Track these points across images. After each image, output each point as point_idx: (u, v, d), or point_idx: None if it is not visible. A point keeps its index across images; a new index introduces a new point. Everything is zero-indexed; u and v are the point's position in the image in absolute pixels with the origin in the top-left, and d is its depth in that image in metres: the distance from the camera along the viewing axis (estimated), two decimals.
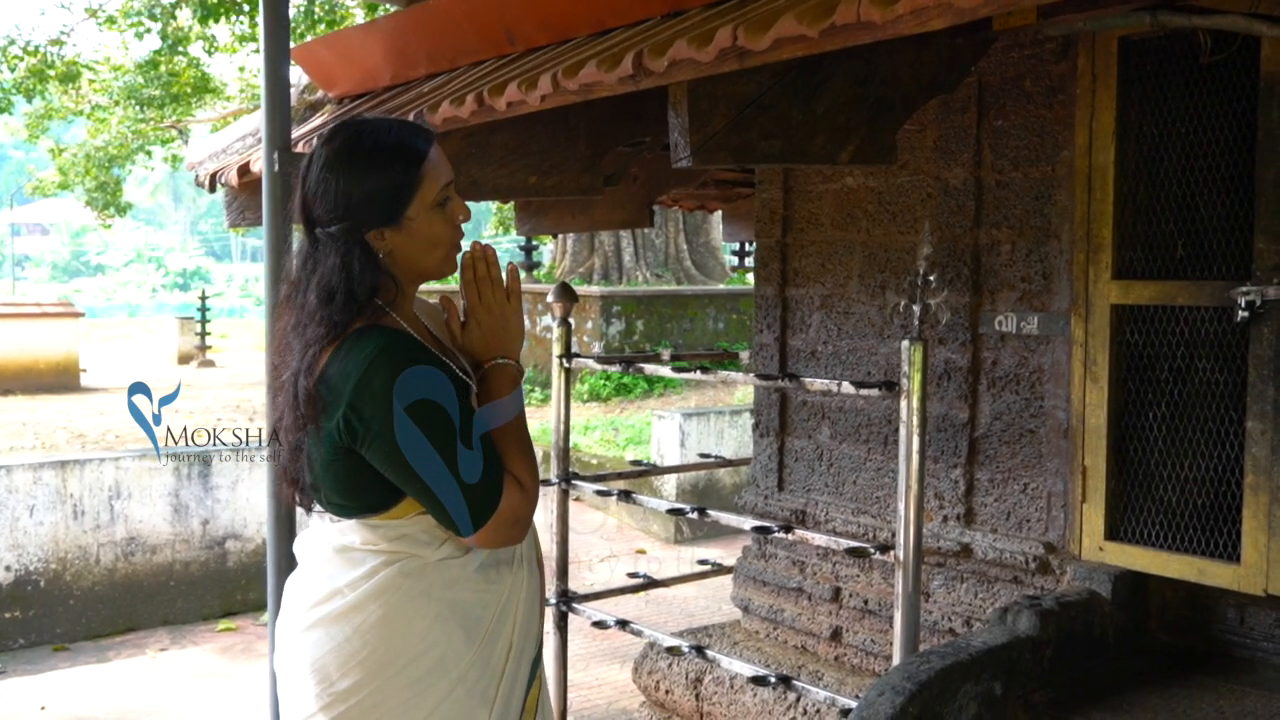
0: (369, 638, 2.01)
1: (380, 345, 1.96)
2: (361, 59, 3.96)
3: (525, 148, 3.62)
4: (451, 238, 2.10)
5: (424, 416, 1.94)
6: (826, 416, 4.31)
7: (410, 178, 2.02)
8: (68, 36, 20.07)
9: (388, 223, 2.02)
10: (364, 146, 2.04)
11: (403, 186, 2.01)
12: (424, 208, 2.04)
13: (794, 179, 4.38)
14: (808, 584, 4.31)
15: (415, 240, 2.05)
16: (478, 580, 2.07)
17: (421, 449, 1.94)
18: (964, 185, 3.80)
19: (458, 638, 2.04)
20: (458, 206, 2.11)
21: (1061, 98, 3.53)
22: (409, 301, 2.13)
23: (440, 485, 1.96)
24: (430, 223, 2.05)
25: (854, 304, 4.19)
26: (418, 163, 2.04)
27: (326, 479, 2.03)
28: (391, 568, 2.03)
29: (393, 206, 2.01)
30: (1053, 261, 3.58)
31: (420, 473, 1.96)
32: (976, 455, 3.83)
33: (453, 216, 2.09)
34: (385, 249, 2.04)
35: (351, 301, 2.01)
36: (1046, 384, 3.62)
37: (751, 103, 2.61)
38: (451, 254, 2.12)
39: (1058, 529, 3.59)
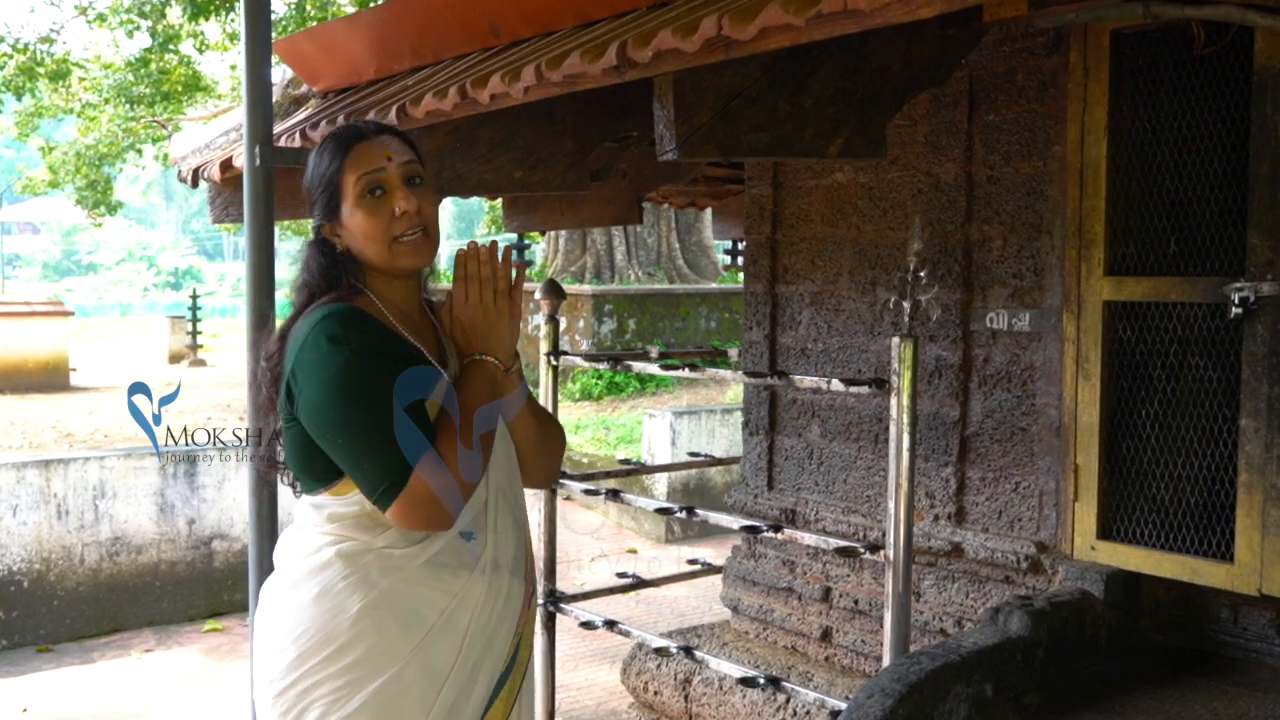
0: (302, 616, 2.02)
1: (325, 313, 2.00)
2: (345, 52, 3.91)
3: (511, 143, 3.57)
4: (384, 230, 2.07)
5: (354, 382, 1.94)
6: (817, 414, 4.27)
7: (331, 173, 2.08)
8: (58, 34, 19.97)
9: (329, 217, 2.10)
10: (319, 146, 2.15)
11: (329, 182, 2.08)
12: (351, 197, 2.07)
13: (784, 175, 4.34)
14: (798, 584, 4.26)
15: (352, 234, 2.08)
16: (423, 574, 2.03)
17: (347, 415, 1.94)
18: (955, 180, 3.76)
19: (390, 630, 2.00)
20: (395, 197, 2.07)
21: (1053, 92, 3.49)
22: (395, 290, 2.13)
23: (359, 453, 1.95)
24: (354, 216, 2.07)
25: (844, 301, 4.14)
26: (339, 157, 2.08)
27: (287, 452, 2.08)
28: (332, 548, 2.03)
29: (328, 201, 2.08)
30: (1044, 257, 3.54)
31: (341, 438, 1.96)
32: (968, 454, 3.78)
33: (387, 209, 2.07)
34: (339, 242, 2.12)
35: (308, 287, 2.11)
36: (1038, 381, 3.58)
37: (738, 95, 2.56)
38: (396, 247, 2.08)
39: (1049, 528, 3.55)
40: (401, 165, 2.09)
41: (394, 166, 2.08)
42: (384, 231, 2.06)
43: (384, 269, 2.10)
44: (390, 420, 1.93)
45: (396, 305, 2.13)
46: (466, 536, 2.08)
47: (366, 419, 1.94)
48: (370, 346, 1.99)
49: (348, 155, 2.07)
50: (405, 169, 2.09)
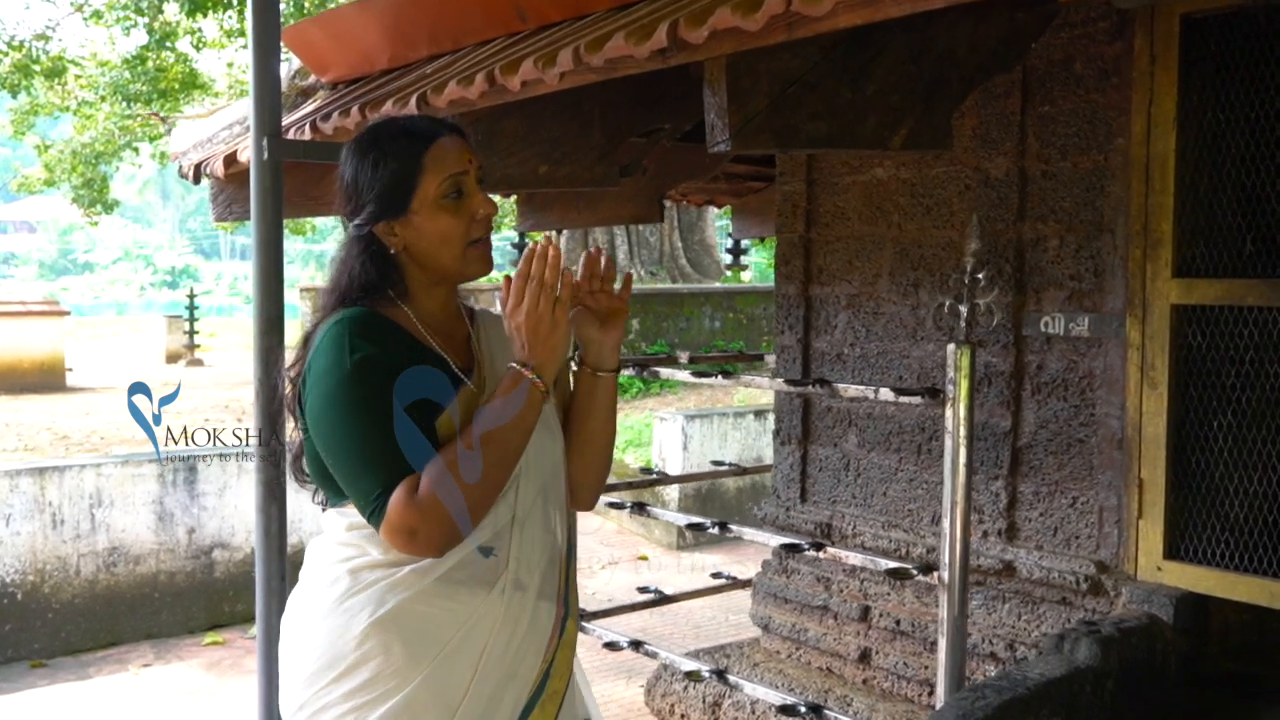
0: (313, 634, 1.90)
1: (341, 318, 1.86)
2: (356, 40, 3.68)
3: (535, 135, 3.34)
4: (464, 234, 1.93)
5: (352, 394, 1.79)
6: (854, 423, 4.04)
7: (410, 168, 1.90)
8: (53, 31, 19.78)
9: (392, 216, 1.91)
10: (375, 139, 1.95)
11: (403, 178, 1.90)
12: (427, 201, 1.90)
13: (818, 170, 4.11)
14: (833, 602, 4.04)
15: (423, 235, 1.92)
16: (434, 592, 1.87)
17: (339, 428, 1.80)
18: (1006, 176, 3.53)
19: (397, 652, 1.85)
20: (475, 201, 1.93)
21: (1116, 81, 3.26)
22: (435, 299, 1.98)
23: (350, 470, 1.81)
24: (435, 217, 1.91)
25: (884, 304, 3.92)
26: (418, 153, 1.90)
27: (309, 463, 1.95)
28: (343, 564, 1.90)
29: (394, 199, 1.90)
30: (1105, 258, 3.31)
31: (333, 453, 1.82)
32: (1020, 466, 3.56)
33: (467, 211, 1.92)
34: (398, 244, 1.93)
35: (338, 291, 1.94)
36: (1098, 390, 3.35)
37: (796, 80, 2.33)
38: (472, 251, 1.94)
39: (1110, 546, 3.33)
40: (476, 169, 1.96)
41: (472, 169, 1.95)
42: (464, 235, 1.92)
43: (450, 275, 1.96)
44: (386, 437, 1.79)
45: (433, 314, 1.98)
46: (485, 552, 1.90)
47: (359, 434, 1.79)
48: (380, 357, 1.83)
49: (428, 152, 1.90)
50: (477, 172, 1.96)
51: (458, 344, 1.98)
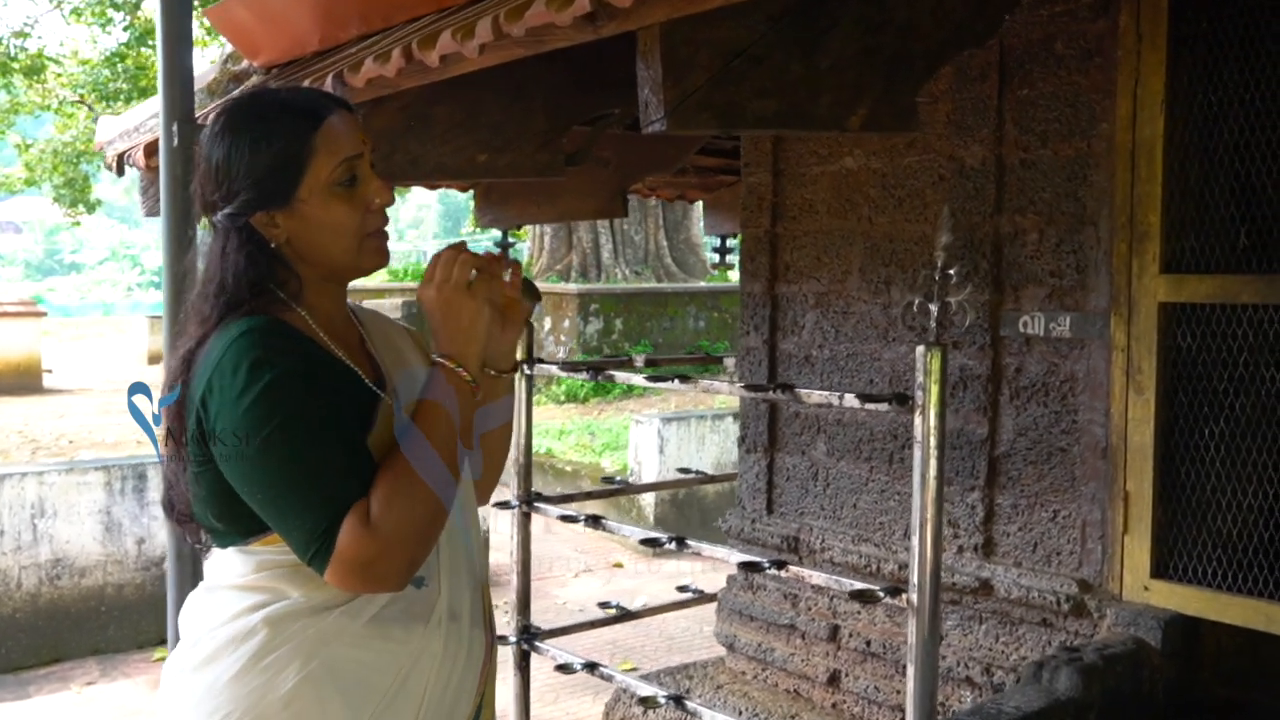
0: (220, 701, 1.62)
1: (242, 330, 1.60)
2: (285, 21, 3.42)
3: (473, 121, 3.09)
4: (359, 225, 1.69)
5: (277, 416, 1.55)
6: (823, 430, 3.80)
7: (296, 150, 1.65)
8: (31, 28, 19.54)
9: (274, 204, 1.65)
10: (248, 115, 1.70)
11: (288, 161, 1.65)
12: (318, 187, 1.66)
13: (785, 160, 3.87)
14: (801, 620, 3.79)
15: (312, 226, 1.67)
16: (368, 634, 1.64)
17: (268, 457, 1.55)
18: (983, 165, 3.29)
19: (334, 707, 1.62)
20: (371, 188, 1.69)
21: (1099, 61, 3.02)
22: (328, 298, 1.74)
23: (284, 506, 1.56)
24: (327, 206, 1.67)
25: (854, 302, 3.67)
26: (307, 132, 1.65)
27: (195, 497, 1.69)
28: (256, 612, 1.64)
29: (277, 185, 1.65)
30: (1088, 253, 3.07)
31: (260, 488, 1.57)
32: (997, 476, 3.32)
33: (363, 199, 1.69)
34: (279, 236, 1.68)
35: (224, 294, 1.66)
36: (1080, 395, 3.11)
37: (741, 53, 2.09)
38: (368, 244, 1.71)
39: (1094, 564, 3.08)
40: (372, 153, 1.72)
41: (368, 153, 1.71)
42: (359, 226, 1.69)
43: (341, 271, 1.73)
44: (325, 464, 1.55)
45: (330, 317, 1.74)
46: (417, 583, 1.67)
47: (295, 462, 1.55)
48: (300, 370, 1.59)
49: (319, 131, 1.65)
50: (371, 156, 1.72)
51: (356, 351, 1.75)
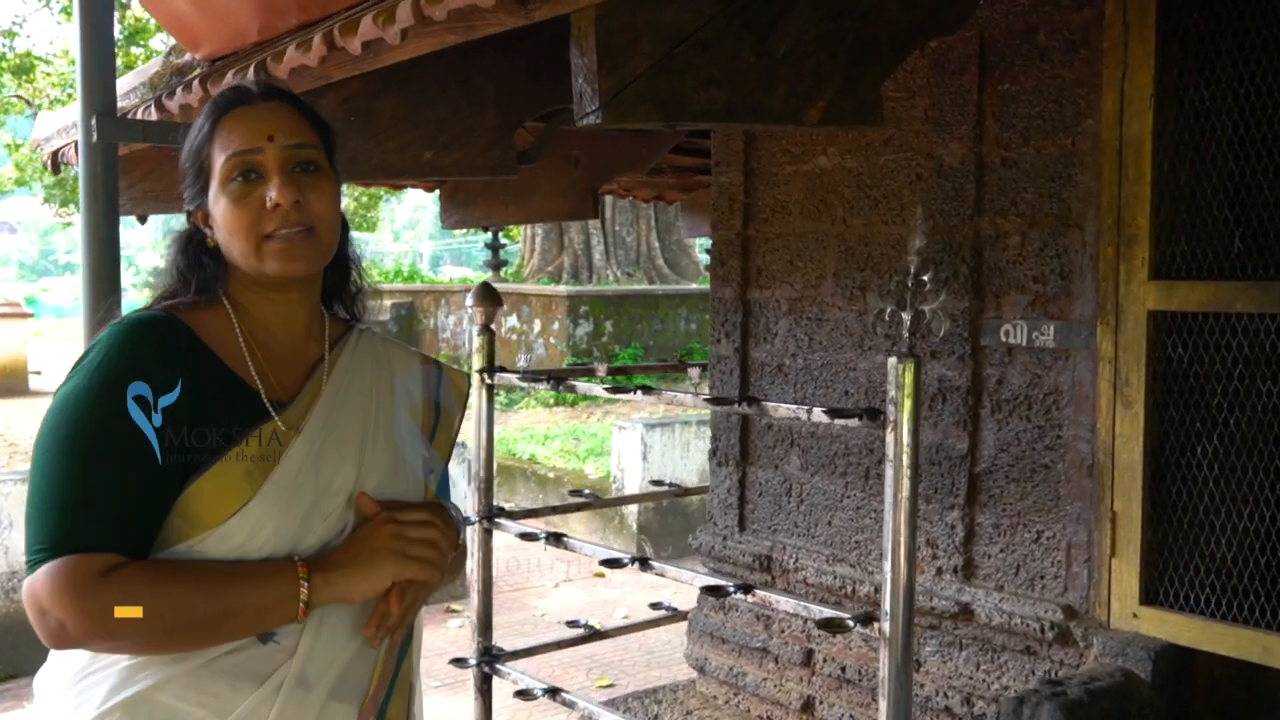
0: (47, 712, 1.50)
1: (118, 324, 1.50)
2: (224, 10, 3.22)
3: (418, 115, 2.90)
4: (251, 225, 1.51)
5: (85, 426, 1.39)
6: (796, 443, 3.61)
7: (199, 144, 1.56)
8: (20, 27, 19.41)
9: (200, 198, 1.57)
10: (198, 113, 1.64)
11: (197, 157, 1.57)
12: (218, 180, 1.53)
13: (756, 160, 3.68)
14: (774, 644, 3.60)
15: (217, 226, 1.55)
16: (186, 682, 1.43)
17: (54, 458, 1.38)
18: (962, 164, 3.10)
19: None
20: (268, 186, 1.51)
21: (1084, 54, 2.83)
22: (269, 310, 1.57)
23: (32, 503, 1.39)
24: (219, 205, 1.53)
25: (828, 309, 3.48)
26: (208, 125, 1.56)
27: None
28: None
29: (196, 180, 1.57)
30: (1073, 257, 2.88)
31: (33, 481, 1.40)
32: (977, 494, 3.12)
33: (257, 199, 1.51)
34: (211, 235, 1.58)
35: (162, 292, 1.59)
36: (1065, 409, 2.92)
37: (686, 38, 1.90)
38: (266, 247, 1.51)
39: (1080, 589, 2.89)
40: (287, 148, 1.53)
41: (274, 148, 1.52)
42: (250, 226, 1.51)
43: (251, 274, 1.54)
44: (84, 494, 1.37)
45: (267, 326, 1.56)
46: (264, 638, 1.45)
47: (63, 469, 1.38)
48: (124, 377, 1.41)
49: (219, 124, 1.54)
50: (291, 153, 1.53)
51: (293, 368, 1.56)
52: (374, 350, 1.65)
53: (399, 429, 1.61)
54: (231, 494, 1.41)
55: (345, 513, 1.51)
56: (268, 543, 1.43)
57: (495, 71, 2.98)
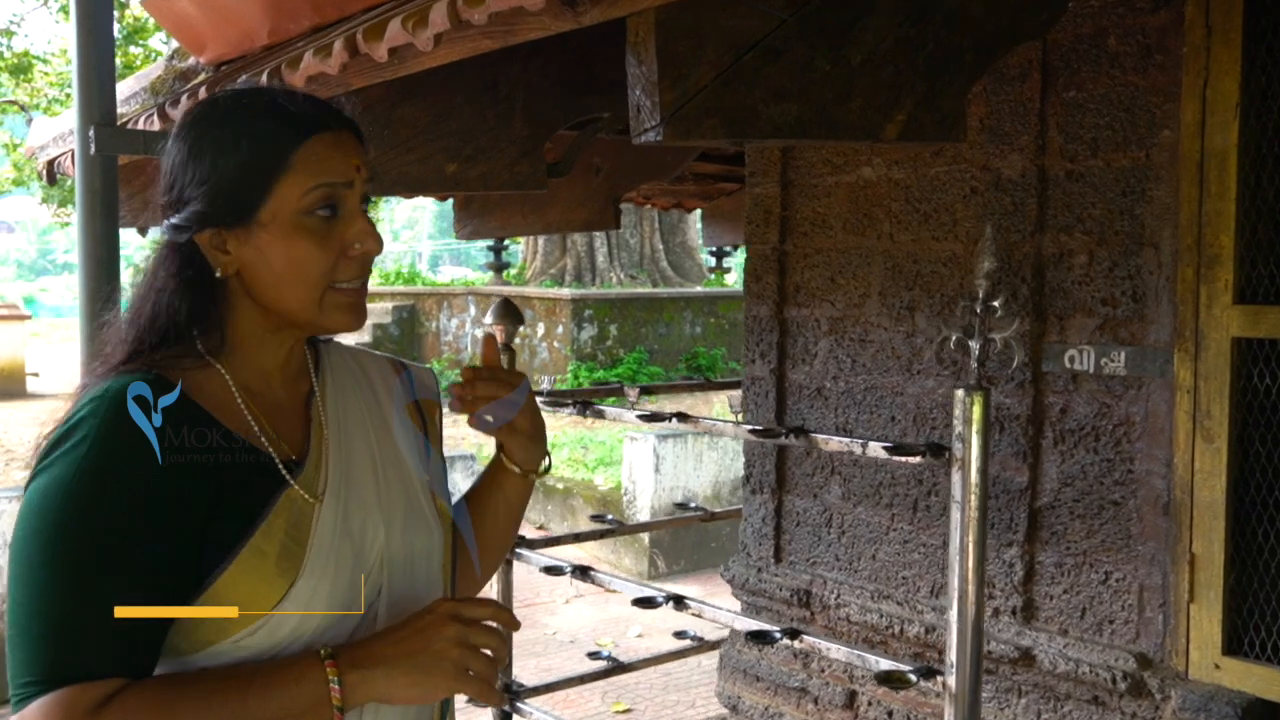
0: None
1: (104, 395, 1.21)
2: (232, 11, 3.02)
3: (441, 126, 2.69)
4: (326, 270, 1.28)
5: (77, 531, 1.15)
6: (837, 471, 3.40)
7: (269, 161, 1.26)
8: (18, 27, 19.24)
9: (228, 221, 1.27)
10: (227, 111, 1.32)
11: (255, 172, 1.26)
12: (285, 212, 1.26)
13: (795, 169, 3.47)
14: (814, 684, 3.39)
15: (268, 260, 1.28)
16: None
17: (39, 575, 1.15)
18: (1023, 177, 2.89)
19: None
20: (355, 229, 1.29)
21: (1160, 59, 2.63)
22: (269, 354, 1.33)
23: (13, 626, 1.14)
24: (290, 237, 1.27)
25: (873, 329, 3.27)
26: (287, 143, 1.27)
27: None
28: None
29: (235, 198, 1.26)
30: (1147, 278, 2.67)
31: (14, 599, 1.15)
32: (1038, 531, 2.92)
33: (338, 239, 1.28)
34: (228, 265, 1.29)
35: (143, 341, 1.28)
36: (1137, 441, 2.71)
37: (755, 45, 1.69)
38: (333, 299, 1.30)
39: (1154, 636, 2.69)
40: (364, 182, 1.33)
41: (360, 183, 1.31)
42: (326, 272, 1.29)
43: (296, 324, 1.32)
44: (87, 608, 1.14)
45: (265, 373, 1.34)
46: None
47: (50, 588, 1.14)
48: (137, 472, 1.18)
49: (304, 145, 1.26)
50: (365, 187, 1.33)
51: (291, 416, 1.35)
52: (347, 366, 1.45)
53: (399, 443, 1.42)
54: (270, 580, 1.21)
55: (380, 573, 1.32)
56: (322, 622, 1.25)
57: (523, 79, 2.77)
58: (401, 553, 1.35)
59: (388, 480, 1.37)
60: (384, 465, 1.38)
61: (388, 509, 1.35)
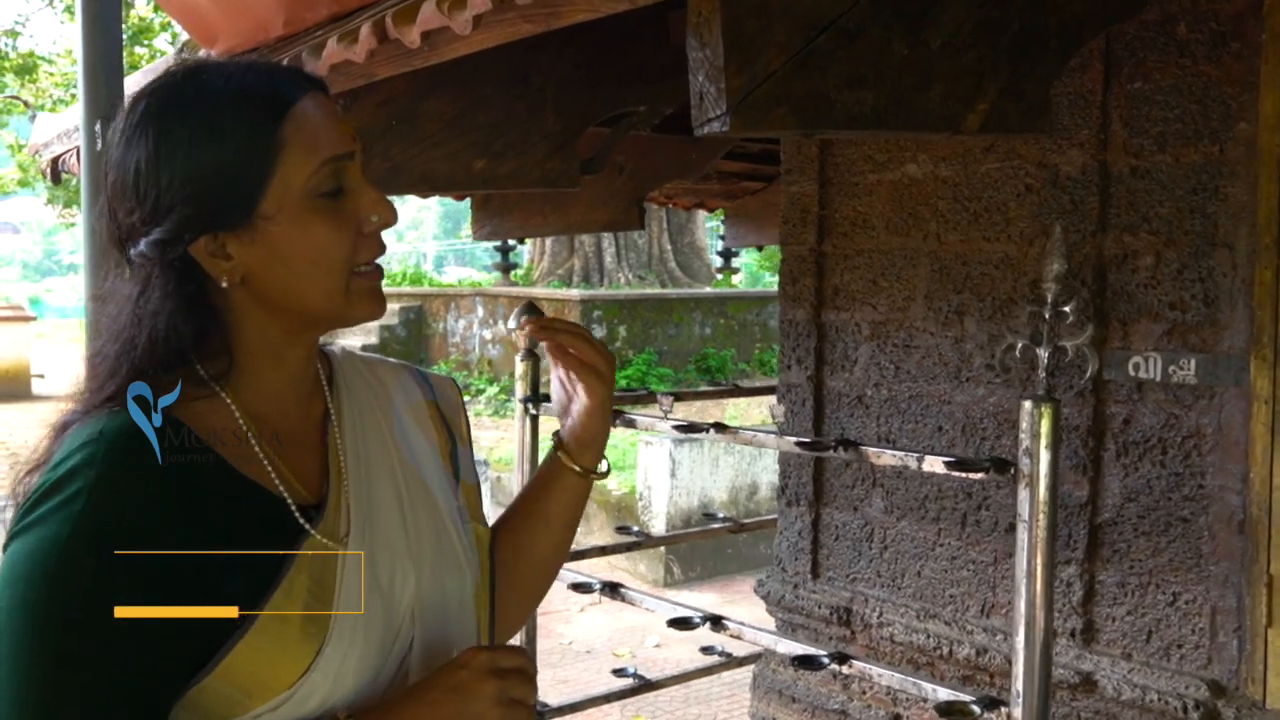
0: None
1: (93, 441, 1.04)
2: (245, 1, 2.87)
3: (468, 120, 2.53)
4: (349, 253, 1.12)
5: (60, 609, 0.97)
6: (879, 483, 3.24)
7: (259, 146, 1.09)
8: (23, 27, 19.21)
9: (226, 224, 1.10)
10: (185, 99, 1.12)
11: (247, 161, 1.09)
12: (291, 198, 1.10)
13: (833, 167, 3.31)
14: (854, 707, 3.23)
15: (281, 256, 1.11)
16: None
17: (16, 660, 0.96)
18: (1083, 174, 2.73)
19: None
20: (365, 201, 1.13)
21: (1236, 48, 2.46)
22: (282, 372, 1.16)
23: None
24: (305, 225, 1.10)
25: (918, 334, 3.11)
26: (271, 121, 1.09)
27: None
28: None
29: (230, 195, 1.09)
30: (1220, 281, 2.51)
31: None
32: (1099, 548, 2.76)
33: (352, 217, 1.12)
34: (233, 273, 1.11)
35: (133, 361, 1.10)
36: (1209, 454, 2.55)
37: (828, 26, 1.53)
38: (358, 285, 1.14)
39: (1227, 662, 2.52)
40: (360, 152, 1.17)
41: (358, 150, 1.16)
42: (348, 255, 1.13)
43: (320, 320, 1.16)
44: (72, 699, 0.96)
45: (278, 397, 1.16)
46: None
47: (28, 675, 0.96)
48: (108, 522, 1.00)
49: (288, 119, 1.10)
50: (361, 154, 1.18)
51: (305, 446, 1.17)
52: (363, 380, 1.28)
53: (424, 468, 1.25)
54: (295, 648, 1.04)
55: (411, 627, 1.15)
56: (354, 685, 1.08)
57: (554, 71, 2.61)
58: (433, 597, 1.17)
59: (415, 516, 1.20)
60: (411, 499, 1.21)
61: (416, 551, 1.18)
